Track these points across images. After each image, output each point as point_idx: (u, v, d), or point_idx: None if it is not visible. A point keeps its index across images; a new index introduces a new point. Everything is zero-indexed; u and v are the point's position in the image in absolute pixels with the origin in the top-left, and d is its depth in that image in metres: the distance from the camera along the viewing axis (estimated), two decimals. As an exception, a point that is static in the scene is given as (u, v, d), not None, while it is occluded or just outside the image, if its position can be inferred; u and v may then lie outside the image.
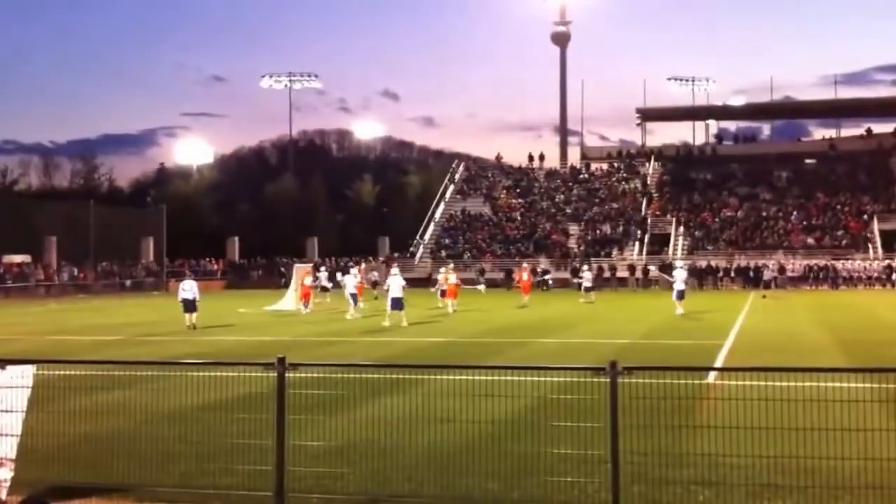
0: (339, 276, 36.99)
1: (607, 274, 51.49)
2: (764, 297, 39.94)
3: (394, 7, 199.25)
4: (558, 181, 67.22)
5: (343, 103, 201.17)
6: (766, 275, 48.60)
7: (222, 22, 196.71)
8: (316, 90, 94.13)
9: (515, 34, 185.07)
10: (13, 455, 7.06)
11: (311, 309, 31.74)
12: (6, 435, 7.04)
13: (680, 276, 29.05)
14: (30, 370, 7.18)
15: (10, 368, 7.13)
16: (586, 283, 38.86)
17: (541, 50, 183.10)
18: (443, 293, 32.76)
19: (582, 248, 56.78)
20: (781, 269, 49.42)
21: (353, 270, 32.14)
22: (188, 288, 25.18)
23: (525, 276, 36.88)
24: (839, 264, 50.06)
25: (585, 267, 43.08)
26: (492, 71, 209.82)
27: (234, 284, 58.62)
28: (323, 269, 34.66)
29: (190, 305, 24.85)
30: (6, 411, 7.04)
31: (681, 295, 28.15)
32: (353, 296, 29.19)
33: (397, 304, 24.61)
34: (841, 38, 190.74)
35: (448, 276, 32.45)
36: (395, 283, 25.11)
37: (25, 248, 54.53)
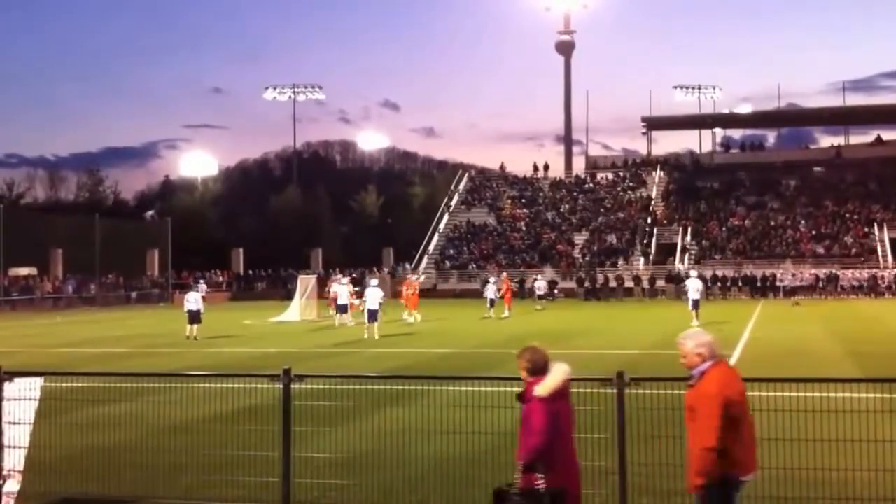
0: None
1: (613, 284, 51.37)
2: (797, 304, 40.36)
3: (391, 17, 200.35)
4: (563, 191, 67.20)
5: (343, 114, 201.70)
6: (788, 282, 48.53)
7: (220, 35, 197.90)
8: (316, 101, 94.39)
9: (518, 43, 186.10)
10: (21, 467, 7.06)
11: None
12: (14, 447, 7.04)
13: (693, 285, 28.65)
14: (37, 382, 7.19)
15: (18, 381, 7.14)
16: (539, 292, 41.12)
17: (544, 59, 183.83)
18: (492, 303, 33.81)
19: (587, 257, 56.68)
20: (830, 278, 48.80)
21: (345, 280, 32.35)
22: (193, 300, 25.57)
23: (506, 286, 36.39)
24: (851, 273, 49.82)
25: (539, 276, 43.98)
26: (492, 80, 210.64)
27: (239, 296, 58.70)
28: (345, 280, 33.28)
29: (194, 317, 25.09)
30: (14, 423, 7.05)
31: (696, 304, 27.82)
32: (344, 306, 29.44)
33: (372, 315, 24.80)
34: (847, 44, 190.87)
35: (414, 287, 32.34)
36: (373, 295, 25.33)
37: (32, 260, 54.69)
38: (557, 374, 5.26)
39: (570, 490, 5.18)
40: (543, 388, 5.20)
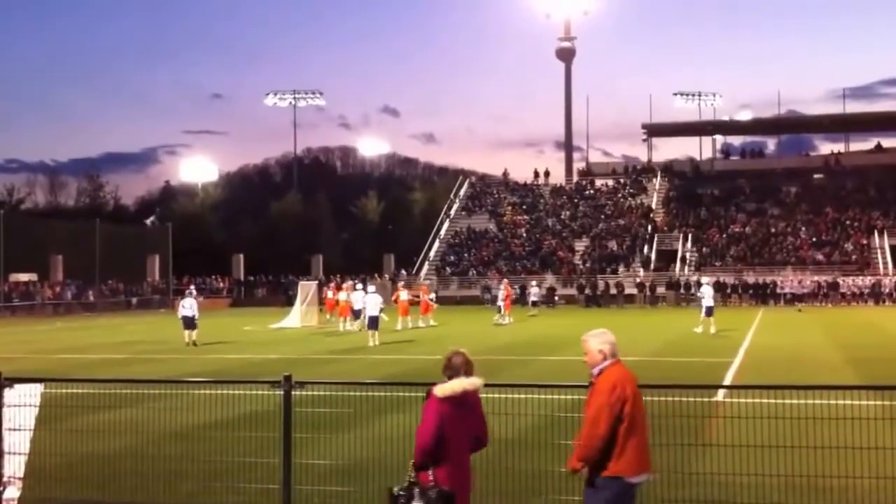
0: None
1: (614, 290, 51.35)
2: (799, 310, 40.54)
3: (391, 23, 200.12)
4: (564, 197, 67.22)
5: (343, 120, 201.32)
6: (788, 288, 48.58)
7: (220, 40, 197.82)
8: (316, 107, 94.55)
9: (518, 50, 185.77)
10: (21, 473, 7.06)
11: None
12: (14, 453, 7.04)
13: (707, 292, 28.58)
14: (37, 389, 7.19)
15: (18, 387, 7.14)
16: (533, 298, 41.83)
17: (544, 65, 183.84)
18: (500, 309, 33.99)
19: (588, 264, 56.68)
20: (831, 285, 48.93)
21: (359, 286, 32.54)
22: (187, 305, 25.70)
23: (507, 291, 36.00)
24: (852, 280, 49.79)
25: (533, 283, 44.38)
26: (493, 87, 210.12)
27: (240, 302, 58.68)
28: (360, 286, 33.31)
29: (189, 323, 25.17)
30: (14, 430, 7.04)
31: (710, 311, 27.72)
32: (359, 312, 29.59)
33: (373, 322, 24.90)
34: (847, 51, 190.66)
35: (399, 294, 32.26)
36: (372, 302, 25.49)
37: (32, 266, 54.70)
38: (460, 381, 5.33)
39: (456, 497, 5.23)
40: (441, 388, 5.29)
